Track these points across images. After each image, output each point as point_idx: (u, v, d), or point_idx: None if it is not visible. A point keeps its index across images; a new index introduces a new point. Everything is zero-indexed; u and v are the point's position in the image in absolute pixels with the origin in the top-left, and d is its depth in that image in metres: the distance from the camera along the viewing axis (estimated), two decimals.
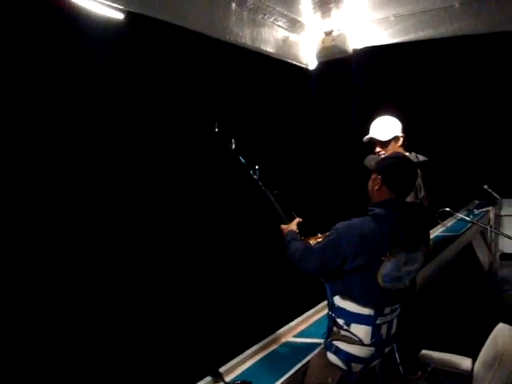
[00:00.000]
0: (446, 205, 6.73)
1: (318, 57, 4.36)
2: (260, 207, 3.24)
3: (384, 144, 3.68)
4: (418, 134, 4.17)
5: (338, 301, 2.67)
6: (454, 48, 6.14)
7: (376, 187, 2.69)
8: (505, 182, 7.95)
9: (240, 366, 3.07)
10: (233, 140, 3.17)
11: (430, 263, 5.14)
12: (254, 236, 4.10)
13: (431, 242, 5.49)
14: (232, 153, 3.17)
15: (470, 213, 7.22)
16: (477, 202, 8.15)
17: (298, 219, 3.01)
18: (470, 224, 6.61)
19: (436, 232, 6.51)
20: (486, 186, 7.46)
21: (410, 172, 2.71)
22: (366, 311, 2.59)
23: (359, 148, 3.47)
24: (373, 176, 2.75)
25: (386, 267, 2.52)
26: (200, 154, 3.99)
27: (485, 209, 7.48)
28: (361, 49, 4.36)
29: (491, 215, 7.37)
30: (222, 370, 2.96)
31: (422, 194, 3.53)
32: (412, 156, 3.71)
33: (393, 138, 3.67)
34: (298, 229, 2.93)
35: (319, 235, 2.88)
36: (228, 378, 2.89)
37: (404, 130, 3.72)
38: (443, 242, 5.95)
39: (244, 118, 4.62)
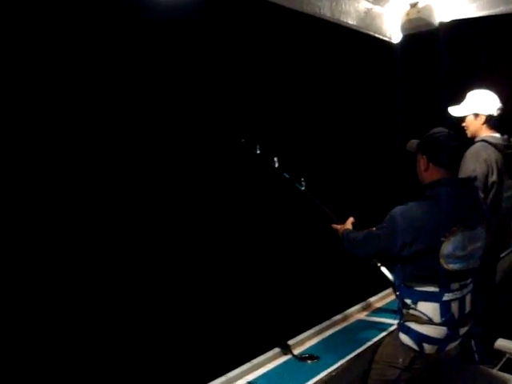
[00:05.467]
0: None
1: (403, 29, 4.20)
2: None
3: (461, 120, 3.59)
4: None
5: (404, 282, 2.66)
6: None
7: (423, 168, 2.65)
8: None
9: (309, 340, 3.08)
10: (275, 159, 3.28)
11: None
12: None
13: None
14: (276, 171, 3.28)
15: None
16: None
17: (351, 218, 3.08)
18: None
19: None
20: None
21: (453, 144, 2.63)
22: (431, 288, 2.55)
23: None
24: (418, 158, 2.72)
25: (447, 248, 2.47)
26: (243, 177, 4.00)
27: None
28: (448, 22, 4.17)
29: None
30: (290, 342, 2.99)
31: (494, 178, 3.38)
32: (503, 137, 3.56)
33: (470, 115, 3.56)
34: (352, 227, 3.01)
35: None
36: (296, 351, 2.91)
37: (499, 109, 3.56)
38: None
39: (315, 98, 4.51)
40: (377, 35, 3.91)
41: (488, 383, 2.87)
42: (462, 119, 3.63)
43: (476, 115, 3.56)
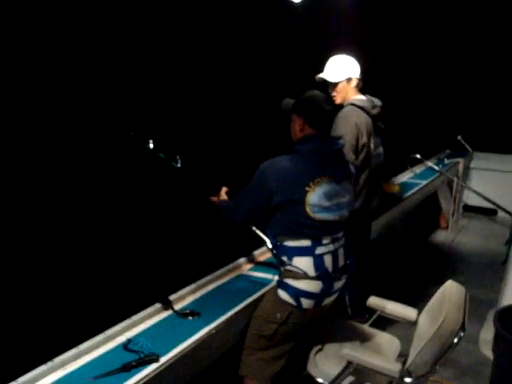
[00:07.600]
0: (418, 151, 6.75)
1: None
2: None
3: (334, 85, 3.62)
4: (395, 78, 4.07)
5: (279, 240, 2.74)
6: None
7: (298, 128, 2.73)
8: (478, 135, 7.98)
9: (191, 295, 3.06)
10: (150, 140, 3.23)
11: (392, 209, 5.16)
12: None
13: (398, 186, 5.53)
14: (151, 153, 3.24)
15: (439, 162, 7.22)
16: (448, 151, 8.17)
17: (224, 188, 3.16)
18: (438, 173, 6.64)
19: (404, 178, 6.51)
20: (459, 137, 7.51)
21: (328, 107, 2.75)
22: (303, 243, 2.66)
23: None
24: (293, 118, 2.78)
25: (312, 197, 2.58)
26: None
27: (455, 159, 7.49)
28: None
29: (460, 167, 7.37)
30: (172, 297, 2.96)
31: (364, 140, 3.50)
32: (367, 98, 3.66)
33: (344, 80, 3.61)
34: (227, 196, 3.11)
35: None
36: (178, 307, 2.89)
37: (362, 72, 3.64)
38: (409, 188, 5.97)
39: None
40: None
41: (359, 337, 3.04)
42: (332, 86, 3.63)
43: (349, 79, 3.60)
